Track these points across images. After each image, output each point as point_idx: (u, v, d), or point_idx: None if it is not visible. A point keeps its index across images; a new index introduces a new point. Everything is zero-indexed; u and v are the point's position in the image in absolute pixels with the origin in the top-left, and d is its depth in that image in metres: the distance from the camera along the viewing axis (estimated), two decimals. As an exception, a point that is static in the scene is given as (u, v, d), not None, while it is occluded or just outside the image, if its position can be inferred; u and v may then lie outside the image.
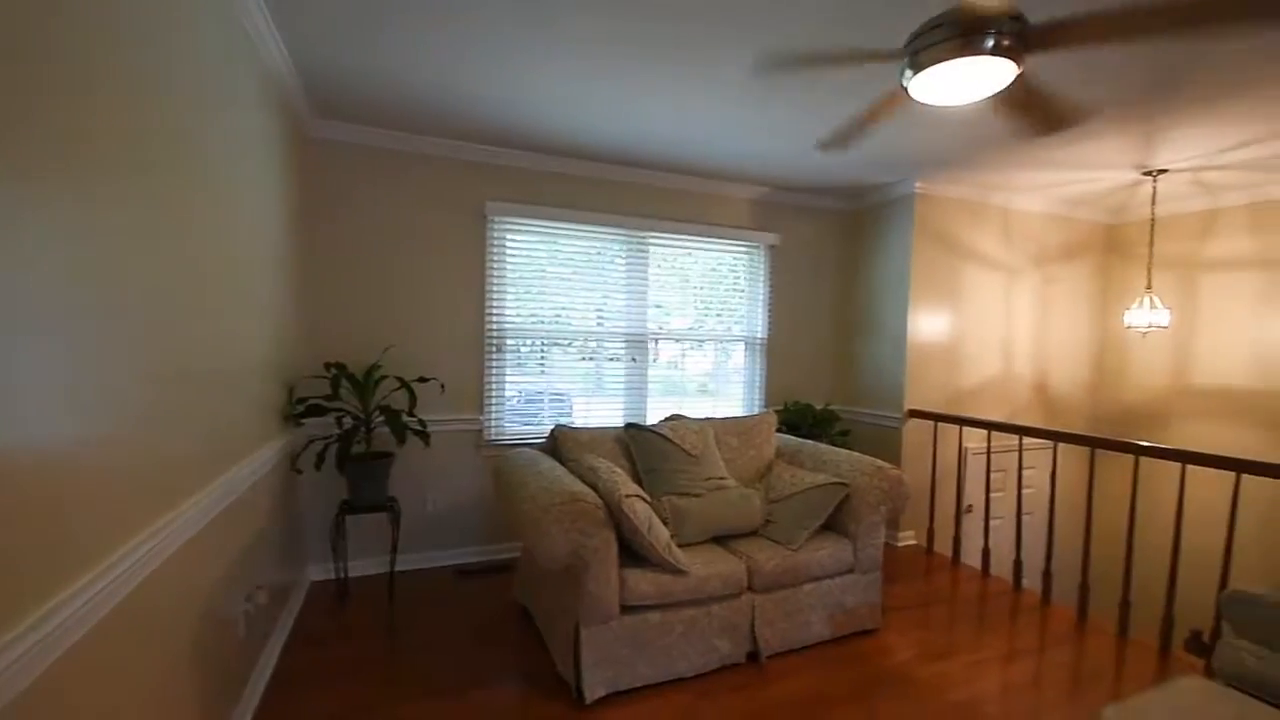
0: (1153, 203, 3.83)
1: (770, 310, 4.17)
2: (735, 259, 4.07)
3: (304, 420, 2.73)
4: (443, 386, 3.29)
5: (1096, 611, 3.05)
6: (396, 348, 3.22)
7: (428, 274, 3.30)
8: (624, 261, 3.72)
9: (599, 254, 3.68)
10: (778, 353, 4.23)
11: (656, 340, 3.86)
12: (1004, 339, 4.27)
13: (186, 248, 1.50)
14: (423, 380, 3.08)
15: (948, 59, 1.40)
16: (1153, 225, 3.93)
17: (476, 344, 3.42)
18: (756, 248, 4.09)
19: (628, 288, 3.73)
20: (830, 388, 4.44)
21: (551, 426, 2.86)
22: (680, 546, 2.44)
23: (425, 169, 3.26)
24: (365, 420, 2.81)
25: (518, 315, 3.51)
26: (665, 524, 2.44)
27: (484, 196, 3.37)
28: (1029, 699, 2.29)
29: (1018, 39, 1.36)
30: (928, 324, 3.97)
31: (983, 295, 4.16)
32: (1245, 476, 2.39)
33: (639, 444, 2.70)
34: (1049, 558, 3.09)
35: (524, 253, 3.50)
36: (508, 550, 3.54)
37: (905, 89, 1.60)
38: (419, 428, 2.86)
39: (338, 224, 3.11)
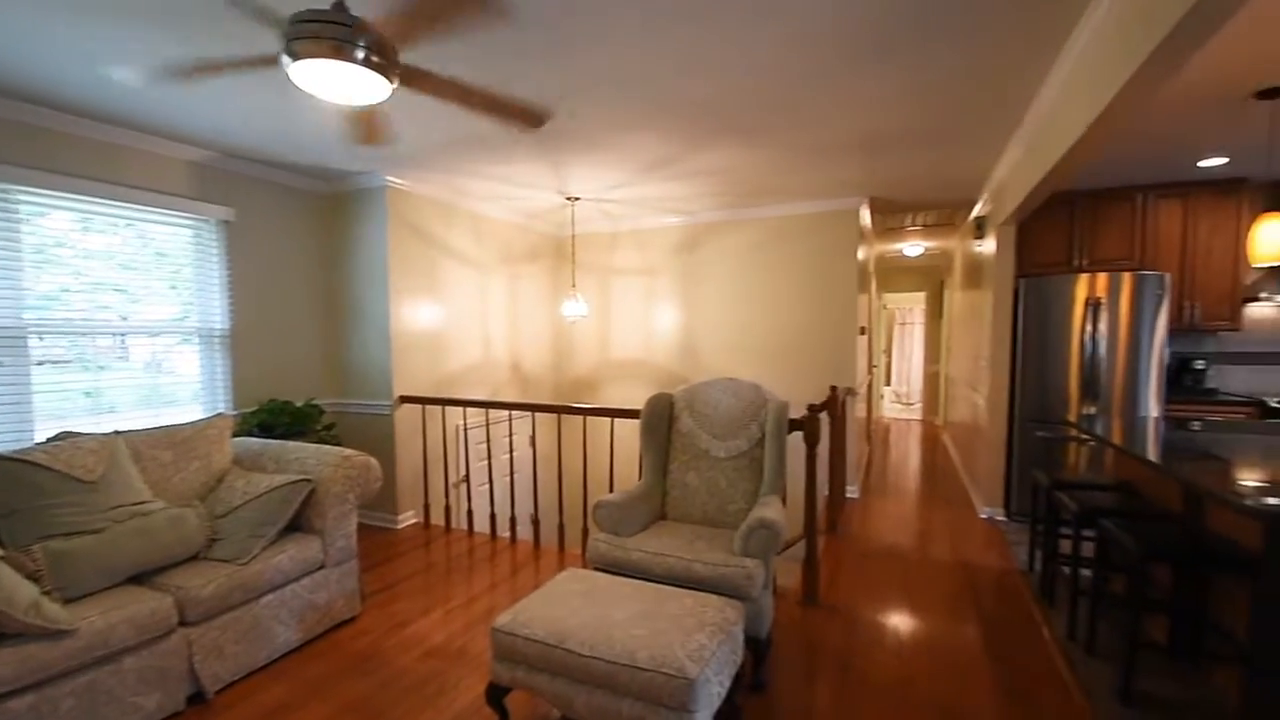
0: (573, 222, 5.07)
1: (232, 298, 3.62)
2: (173, 234, 3.33)
3: None
4: None
5: (548, 537, 3.90)
6: None
7: None
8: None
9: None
10: (247, 347, 3.71)
11: (44, 334, 2.83)
12: (483, 327, 4.91)
13: None
14: None
15: (313, 57, 1.47)
16: (574, 239, 5.20)
17: None
18: (205, 222, 3.46)
19: (-22, 263, 2.61)
20: (317, 382, 4.19)
21: None
22: (72, 601, 1.89)
23: None
24: None
25: None
26: (36, 579, 1.83)
27: None
28: (486, 624, 2.72)
29: (352, 38, 1.50)
30: (411, 313, 4.18)
31: (461, 288, 4.65)
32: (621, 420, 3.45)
33: (-17, 481, 1.94)
34: (513, 505, 3.76)
35: None
36: None
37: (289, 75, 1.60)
38: None
39: None
